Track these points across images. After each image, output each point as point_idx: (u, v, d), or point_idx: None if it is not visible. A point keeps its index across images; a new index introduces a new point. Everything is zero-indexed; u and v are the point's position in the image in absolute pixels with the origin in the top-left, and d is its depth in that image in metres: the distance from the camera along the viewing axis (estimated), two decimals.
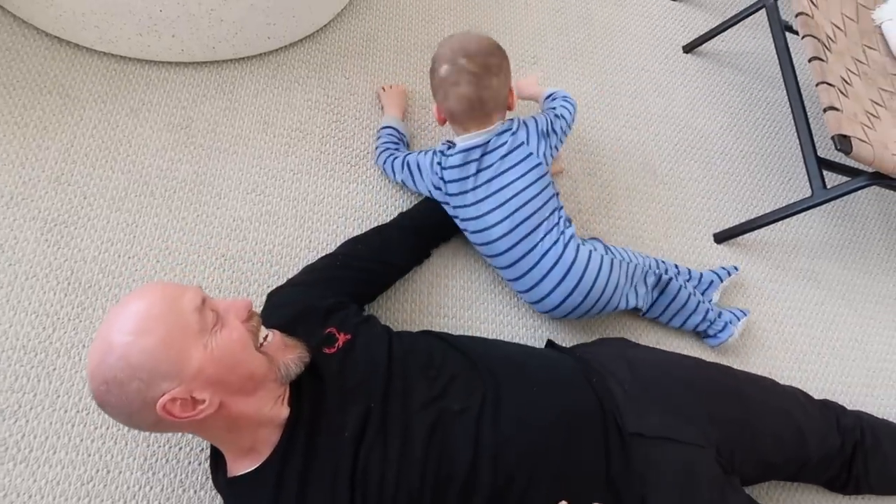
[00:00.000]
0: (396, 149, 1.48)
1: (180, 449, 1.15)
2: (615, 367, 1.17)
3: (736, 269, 1.56)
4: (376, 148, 1.51)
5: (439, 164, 1.33)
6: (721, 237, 1.68)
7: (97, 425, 1.14)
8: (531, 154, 1.31)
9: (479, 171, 1.29)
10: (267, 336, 0.95)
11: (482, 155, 1.30)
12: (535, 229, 1.28)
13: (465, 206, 1.31)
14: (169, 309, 0.86)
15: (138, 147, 1.39)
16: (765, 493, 1.36)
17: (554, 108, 1.45)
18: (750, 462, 1.17)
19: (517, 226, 1.27)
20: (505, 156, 1.29)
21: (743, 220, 1.65)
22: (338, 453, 0.93)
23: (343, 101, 1.59)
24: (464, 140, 1.31)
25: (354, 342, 1.04)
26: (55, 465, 1.10)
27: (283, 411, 0.95)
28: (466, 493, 0.95)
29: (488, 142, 1.30)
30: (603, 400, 1.09)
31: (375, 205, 1.48)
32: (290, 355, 0.96)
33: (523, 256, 1.28)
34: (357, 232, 1.41)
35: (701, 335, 1.50)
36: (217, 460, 1.01)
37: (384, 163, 1.47)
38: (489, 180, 1.29)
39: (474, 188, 1.30)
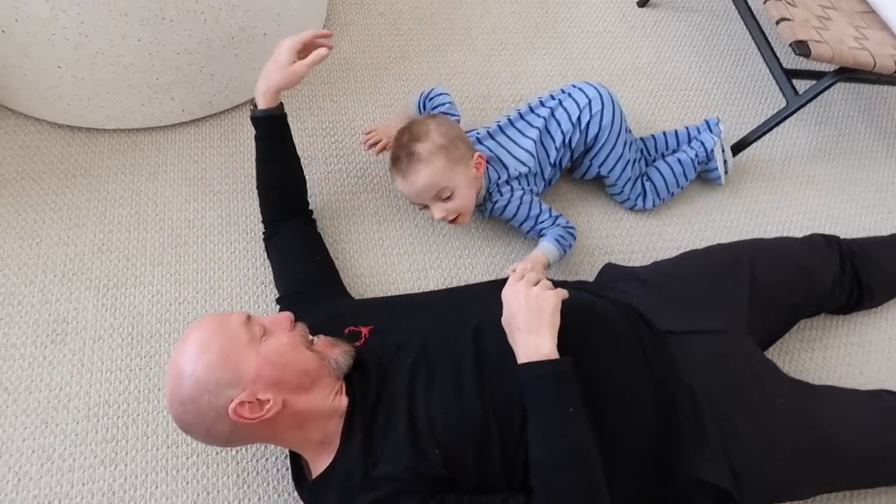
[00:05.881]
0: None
1: (266, 459, 1.24)
2: (624, 285, 1.28)
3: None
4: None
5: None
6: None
7: (188, 455, 1.23)
8: None
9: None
10: (313, 339, 1.06)
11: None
12: None
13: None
14: (219, 329, 0.98)
15: (164, 205, 1.51)
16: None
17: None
18: (775, 313, 1.31)
19: None
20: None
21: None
22: (394, 415, 1.01)
23: (336, 123, 1.70)
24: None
25: (377, 328, 1.14)
26: (160, 499, 1.19)
27: (343, 401, 1.04)
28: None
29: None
30: (625, 311, 1.19)
31: (390, 207, 1.58)
32: (336, 350, 1.06)
33: None
34: (379, 231, 1.53)
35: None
36: (299, 473, 1.10)
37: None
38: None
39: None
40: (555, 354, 0.99)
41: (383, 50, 1.86)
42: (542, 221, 1.46)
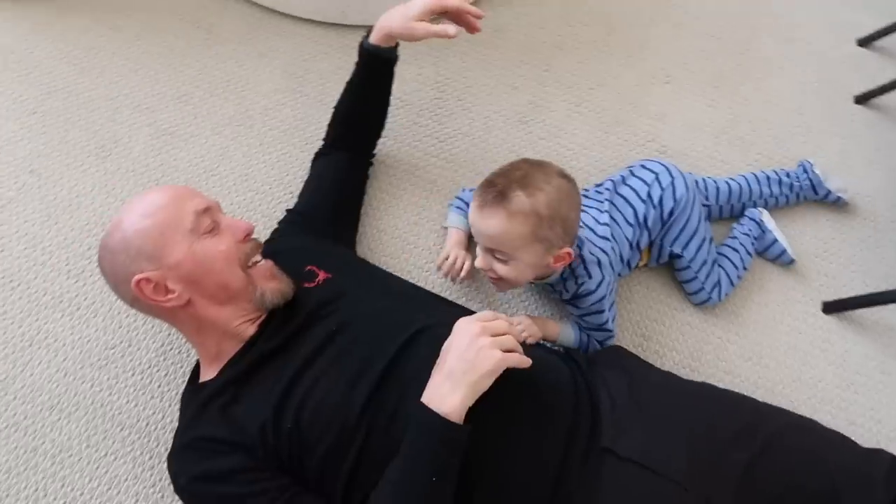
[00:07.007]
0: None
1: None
2: (611, 375, 1.07)
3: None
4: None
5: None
6: (832, 307, 1.44)
7: (122, 310, 1.27)
8: None
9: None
10: (258, 261, 1.02)
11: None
12: None
13: None
14: (172, 203, 0.97)
15: (254, 85, 1.55)
16: None
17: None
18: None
19: None
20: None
21: (863, 293, 1.40)
22: (281, 373, 0.96)
23: (452, 81, 1.63)
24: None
25: (335, 279, 1.07)
26: (91, 327, 1.26)
27: (251, 330, 1.00)
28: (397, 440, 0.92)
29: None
30: (583, 407, 1.01)
31: (451, 185, 1.49)
32: (271, 284, 1.01)
33: None
34: (426, 201, 1.46)
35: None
36: (197, 372, 1.08)
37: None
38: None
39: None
40: (455, 416, 0.86)
41: (542, 33, 1.73)
42: (607, 319, 1.23)
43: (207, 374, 1.01)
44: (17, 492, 1.12)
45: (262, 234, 1.22)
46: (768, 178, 1.48)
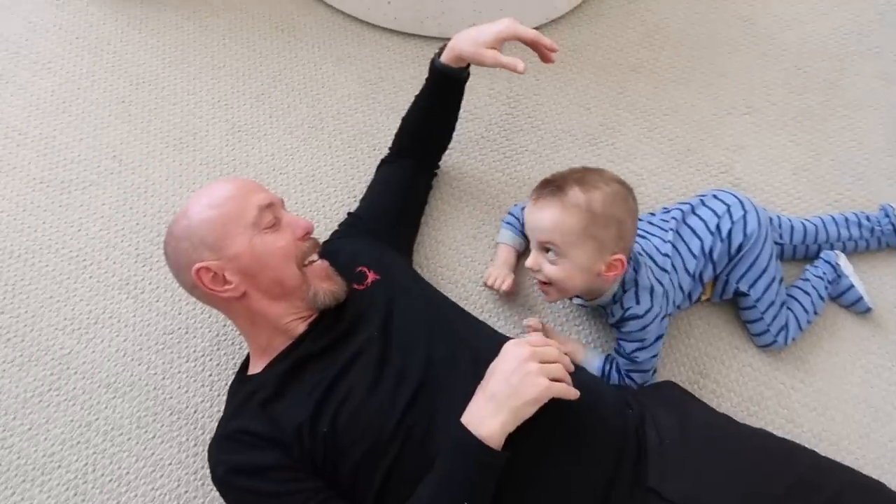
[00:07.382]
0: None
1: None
2: (663, 414, 1.03)
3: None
4: None
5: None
6: None
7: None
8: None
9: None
10: (314, 260, 1.03)
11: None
12: None
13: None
14: (238, 196, 0.99)
15: (329, 89, 1.59)
16: None
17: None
18: None
19: None
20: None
21: None
22: (323, 375, 0.97)
23: (524, 98, 1.62)
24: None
25: (383, 282, 1.08)
26: (152, 311, 1.30)
27: (301, 328, 1.02)
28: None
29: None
30: (628, 442, 0.97)
31: (513, 199, 1.48)
32: (325, 285, 1.02)
33: None
34: (488, 215, 1.45)
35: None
36: (247, 362, 1.10)
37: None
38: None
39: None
40: (494, 441, 0.84)
41: (620, 55, 1.71)
42: (639, 348, 1.19)
43: (256, 368, 1.03)
44: (68, 463, 1.17)
45: (323, 235, 1.24)
46: (847, 220, 1.40)
